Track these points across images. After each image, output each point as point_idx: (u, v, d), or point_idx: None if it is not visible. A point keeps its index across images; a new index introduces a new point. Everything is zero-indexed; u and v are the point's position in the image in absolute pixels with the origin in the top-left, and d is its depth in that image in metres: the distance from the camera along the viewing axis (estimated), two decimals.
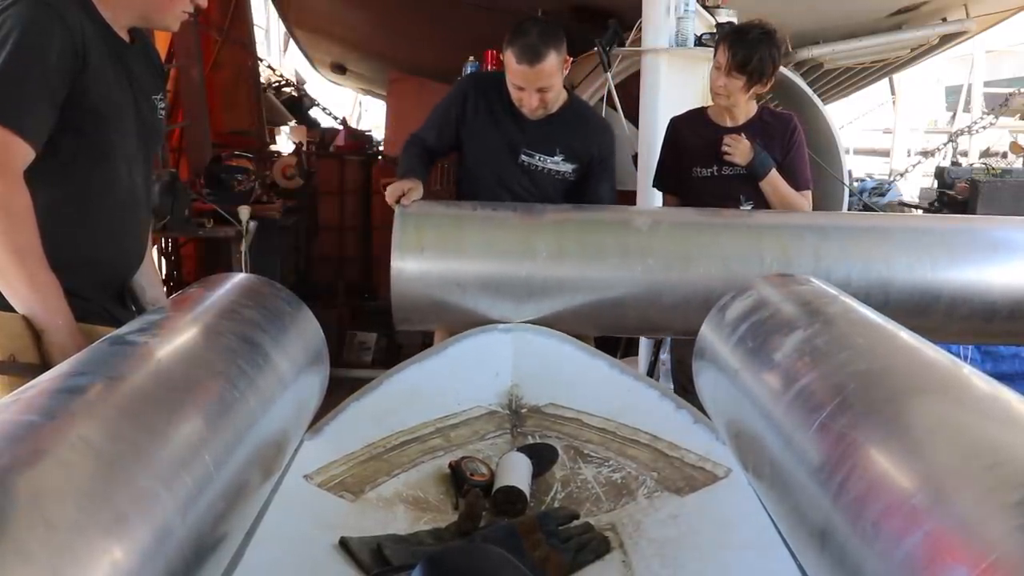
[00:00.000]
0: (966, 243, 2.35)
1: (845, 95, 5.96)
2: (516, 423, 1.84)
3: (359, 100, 11.34)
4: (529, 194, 2.48)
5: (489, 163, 2.50)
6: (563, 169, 2.46)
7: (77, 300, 1.50)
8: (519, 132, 2.44)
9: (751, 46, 2.41)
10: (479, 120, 2.49)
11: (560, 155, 2.45)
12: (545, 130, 2.43)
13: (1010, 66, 13.56)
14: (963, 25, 4.73)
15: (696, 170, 2.58)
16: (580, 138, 2.45)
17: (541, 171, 2.46)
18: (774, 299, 1.58)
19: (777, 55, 2.47)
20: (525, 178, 2.47)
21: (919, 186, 6.53)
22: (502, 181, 2.48)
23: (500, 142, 2.46)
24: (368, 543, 1.31)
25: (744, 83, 2.45)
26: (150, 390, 1.03)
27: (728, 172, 2.56)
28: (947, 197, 4.69)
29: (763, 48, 2.42)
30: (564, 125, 2.44)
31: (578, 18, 4.20)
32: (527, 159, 2.45)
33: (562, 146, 2.44)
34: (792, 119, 2.66)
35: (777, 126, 2.60)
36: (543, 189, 2.47)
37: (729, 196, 2.54)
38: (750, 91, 2.48)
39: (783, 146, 2.57)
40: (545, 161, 2.45)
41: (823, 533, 0.98)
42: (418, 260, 2.21)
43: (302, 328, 1.56)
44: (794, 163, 2.58)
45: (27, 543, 0.69)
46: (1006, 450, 0.85)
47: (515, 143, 2.45)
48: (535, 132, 2.43)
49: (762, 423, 1.26)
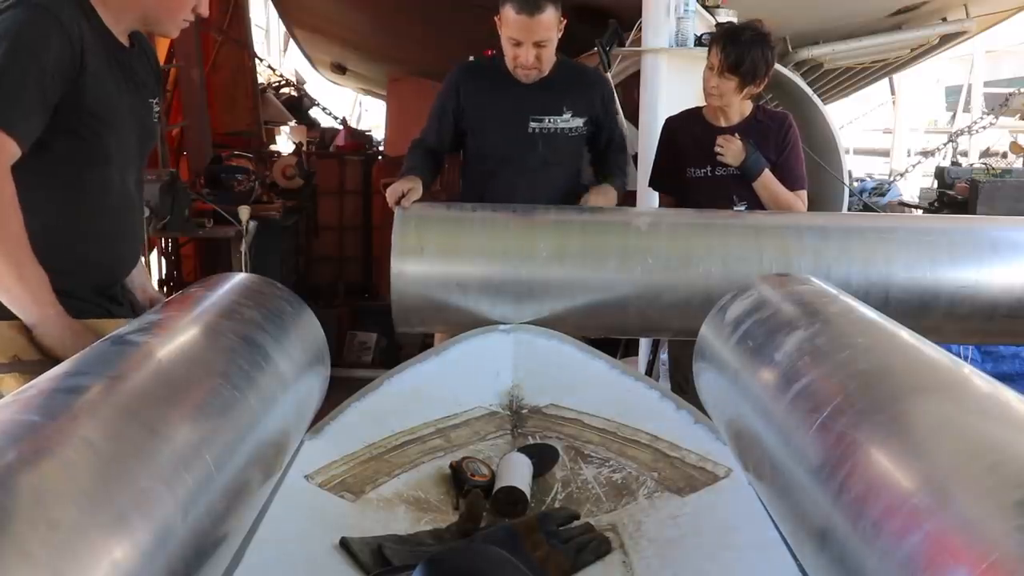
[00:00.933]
0: (966, 243, 2.35)
1: (845, 95, 5.97)
2: (517, 424, 1.84)
3: (359, 100, 11.35)
4: (545, 163, 2.45)
5: (499, 143, 2.47)
6: (574, 125, 2.46)
7: (73, 301, 1.50)
8: (522, 101, 2.42)
9: (744, 47, 2.40)
10: (479, 102, 2.48)
11: (568, 111, 2.44)
12: (547, 93, 2.42)
13: (1010, 66, 13.57)
14: (963, 25, 4.74)
15: (690, 170, 2.58)
16: (581, 90, 2.46)
17: (554, 133, 2.44)
18: (774, 299, 1.58)
19: (771, 56, 2.46)
20: (540, 145, 2.44)
21: (919, 186, 6.52)
22: (515, 157, 2.46)
23: (507, 115, 2.44)
24: (369, 543, 1.31)
25: (737, 84, 2.45)
26: (151, 390, 1.03)
27: (722, 172, 2.55)
28: (947, 197, 4.69)
29: (756, 49, 2.41)
30: (563, 83, 2.44)
31: (578, 18, 4.19)
32: (537, 124, 2.43)
33: (568, 103, 2.44)
34: (787, 118, 2.65)
35: (771, 125, 2.59)
36: (560, 153, 2.47)
37: (723, 196, 2.53)
38: (743, 92, 2.48)
39: (777, 145, 2.56)
40: (556, 122, 2.43)
41: (823, 533, 0.98)
42: (418, 262, 2.21)
43: (303, 328, 1.56)
44: (788, 162, 2.57)
45: (28, 543, 0.69)
46: (1007, 450, 0.85)
47: (522, 112, 2.43)
48: (538, 97, 2.42)
49: (762, 423, 1.26)
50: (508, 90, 2.43)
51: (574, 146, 2.49)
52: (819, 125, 3.92)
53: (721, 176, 2.56)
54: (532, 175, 2.46)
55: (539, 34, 2.28)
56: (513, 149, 2.46)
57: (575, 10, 4.37)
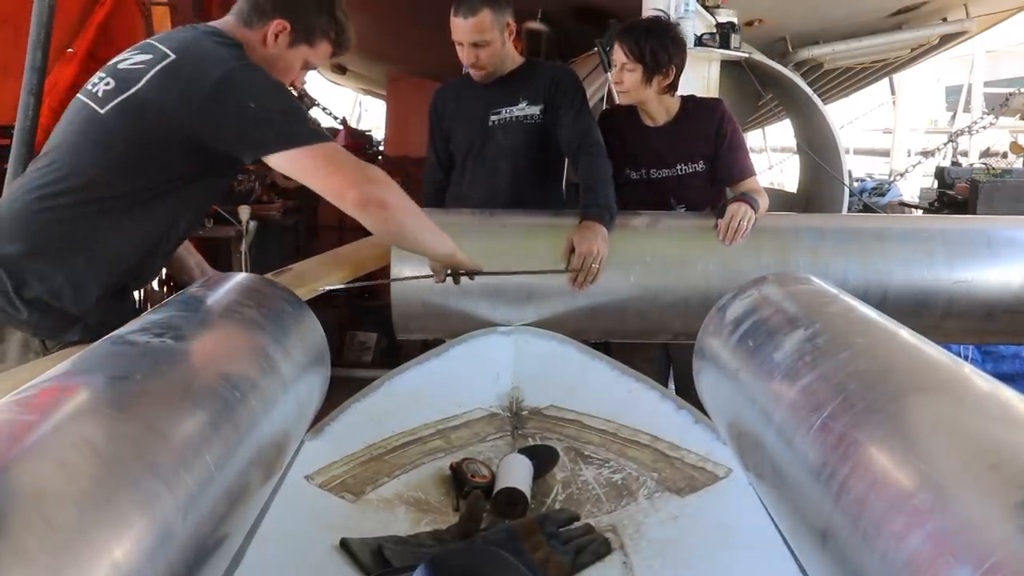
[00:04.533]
0: (963, 243, 2.36)
1: (845, 95, 5.97)
2: (517, 425, 1.84)
3: (359, 100, 11.35)
4: (505, 153, 2.51)
5: (463, 139, 2.57)
6: (530, 112, 2.49)
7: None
8: (483, 99, 2.51)
9: (638, 36, 2.37)
10: (452, 112, 2.59)
11: (524, 101, 2.50)
12: (506, 88, 2.50)
13: (1010, 66, 13.58)
14: (963, 25, 4.74)
15: (627, 172, 2.52)
16: (537, 79, 2.51)
17: (511, 121, 2.50)
18: (774, 298, 1.58)
19: (670, 44, 2.38)
20: (499, 135, 2.51)
21: (919, 186, 6.53)
22: (476, 149, 2.54)
23: (470, 113, 2.54)
24: (369, 544, 1.31)
25: (641, 75, 2.38)
26: (151, 390, 1.03)
27: (656, 175, 2.51)
28: (947, 197, 4.69)
29: (652, 38, 2.36)
30: (522, 77, 2.52)
31: (578, 18, 4.20)
32: (496, 117, 2.51)
33: (523, 93, 2.50)
34: (718, 105, 2.56)
35: (702, 115, 2.50)
36: (518, 141, 2.50)
37: (660, 199, 2.50)
38: (651, 83, 2.39)
39: (709, 136, 2.47)
40: (512, 111, 2.50)
41: (824, 533, 0.98)
42: (419, 266, 2.21)
43: (303, 328, 1.56)
44: (731, 156, 2.48)
45: (27, 543, 0.69)
46: (1008, 450, 0.84)
47: (483, 108, 2.52)
48: (497, 93, 2.51)
49: (763, 423, 1.26)
50: (473, 92, 2.54)
51: (533, 135, 2.50)
52: (819, 125, 3.91)
53: (657, 179, 2.52)
54: (493, 164, 2.52)
55: (475, 35, 2.37)
56: (474, 142, 2.54)
57: (575, 10, 4.39)
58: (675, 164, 2.50)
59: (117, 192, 1.61)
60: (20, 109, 2.24)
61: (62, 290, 1.61)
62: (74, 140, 1.63)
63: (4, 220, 1.64)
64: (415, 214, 1.76)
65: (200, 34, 1.69)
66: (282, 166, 1.65)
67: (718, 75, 3.24)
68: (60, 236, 1.61)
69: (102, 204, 1.61)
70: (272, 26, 1.72)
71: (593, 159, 2.39)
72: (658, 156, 2.51)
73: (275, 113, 1.60)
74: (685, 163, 2.50)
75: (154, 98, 1.57)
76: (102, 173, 1.61)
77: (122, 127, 1.59)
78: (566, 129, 2.45)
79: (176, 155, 1.61)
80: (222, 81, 1.56)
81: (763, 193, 2.46)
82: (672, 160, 2.50)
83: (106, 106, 1.60)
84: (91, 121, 1.62)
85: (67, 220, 1.61)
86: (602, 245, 2.22)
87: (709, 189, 2.54)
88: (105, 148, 1.61)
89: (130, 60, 1.64)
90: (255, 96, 1.58)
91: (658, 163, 2.50)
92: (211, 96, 1.55)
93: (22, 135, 2.22)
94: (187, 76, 1.58)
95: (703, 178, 2.52)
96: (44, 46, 2.26)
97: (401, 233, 1.78)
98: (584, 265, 2.20)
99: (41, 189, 1.61)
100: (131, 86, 1.59)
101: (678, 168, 2.51)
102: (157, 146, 1.60)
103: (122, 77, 1.62)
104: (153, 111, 1.58)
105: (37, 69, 2.25)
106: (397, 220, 1.71)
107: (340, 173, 1.65)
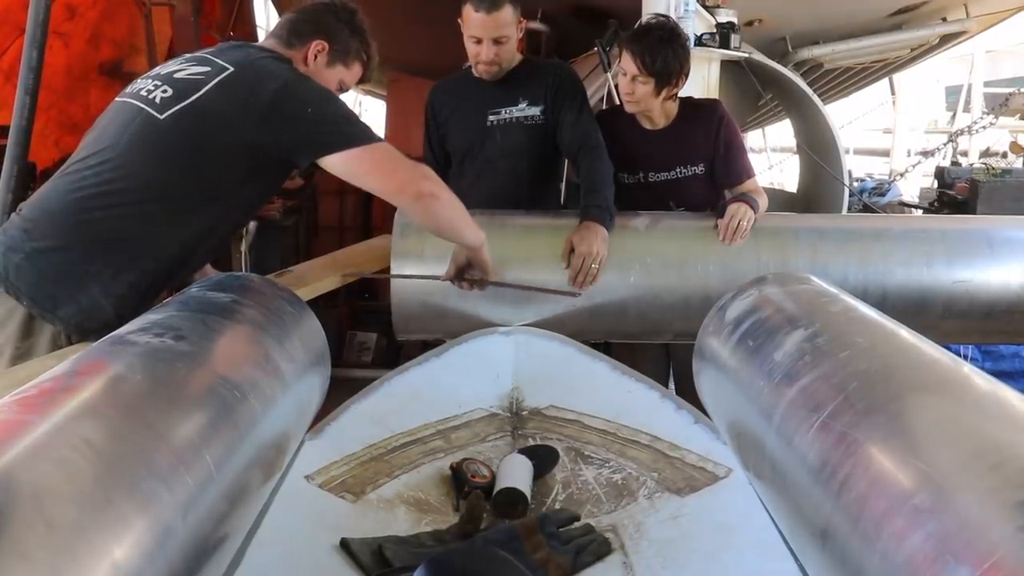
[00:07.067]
0: (963, 243, 2.35)
1: (845, 95, 5.96)
2: (517, 425, 1.84)
3: (359, 100, 11.34)
4: (504, 154, 2.49)
5: (461, 139, 2.54)
6: (530, 113, 2.48)
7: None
8: (482, 98, 2.49)
9: (654, 48, 2.30)
10: (448, 110, 2.56)
11: (524, 101, 2.48)
12: (505, 88, 2.48)
13: (1010, 66, 13.57)
14: (963, 25, 4.74)
15: (622, 176, 2.48)
16: (537, 79, 2.49)
17: (511, 122, 2.48)
18: (774, 298, 1.58)
19: (683, 53, 2.35)
20: (498, 135, 2.49)
21: (919, 186, 6.53)
22: (475, 150, 2.51)
23: (468, 113, 2.52)
24: (369, 544, 1.30)
25: (653, 86, 2.34)
26: (151, 390, 1.03)
27: (655, 179, 2.50)
28: (947, 197, 4.69)
29: (667, 49, 2.31)
30: (522, 76, 2.49)
31: (578, 18, 4.20)
32: (495, 117, 2.49)
33: (523, 93, 2.48)
34: (716, 106, 2.54)
35: (700, 118, 2.47)
36: (518, 143, 2.48)
37: (658, 203, 2.47)
38: (660, 94, 2.37)
39: (708, 137, 2.45)
40: (512, 112, 2.48)
41: (824, 533, 0.98)
42: (418, 267, 2.21)
43: (304, 329, 1.56)
44: (730, 158, 2.46)
45: (27, 543, 0.69)
46: (1008, 450, 0.84)
47: (482, 107, 2.49)
48: (496, 92, 2.48)
49: (763, 423, 1.26)
50: (471, 91, 2.52)
51: (534, 136, 2.48)
52: (819, 125, 3.91)
53: (654, 182, 2.50)
54: (492, 166, 2.50)
55: (497, 31, 2.34)
56: (473, 142, 2.52)
57: (575, 10, 4.38)
58: (674, 167, 2.49)
59: (172, 194, 1.70)
60: (16, 108, 2.24)
61: (105, 287, 1.65)
62: (131, 142, 1.70)
63: (49, 217, 1.68)
64: (459, 207, 1.91)
65: (253, 50, 1.84)
66: (336, 166, 1.76)
67: (718, 75, 3.24)
68: (109, 234, 1.67)
69: (162, 204, 1.70)
70: (312, 46, 1.87)
71: (595, 160, 2.38)
72: (656, 160, 2.49)
73: (332, 117, 1.75)
74: (684, 166, 2.49)
75: (216, 107, 1.68)
76: (159, 175, 1.69)
77: (181, 133, 1.69)
78: (568, 130, 2.44)
79: (235, 160, 1.72)
80: (281, 91, 1.69)
81: (763, 193, 2.46)
82: (671, 163, 2.49)
83: (165, 112, 1.69)
84: (149, 125, 1.69)
85: (116, 218, 1.67)
86: (602, 246, 2.22)
87: (708, 191, 2.53)
88: (164, 152, 1.69)
89: (187, 71, 1.75)
90: (312, 102, 1.72)
91: (656, 166, 2.49)
92: (271, 104, 1.67)
93: (18, 135, 2.23)
94: (247, 87, 1.70)
95: (702, 180, 2.51)
96: (40, 45, 2.26)
97: (449, 223, 1.92)
98: (584, 266, 2.20)
99: (96, 187, 1.67)
100: (190, 95, 1.69)
101: (677, 171, 2.50)
102: (217, 151, 1.70)
103: (180, 86, 1.71)
104: (215, 119, 1.68)
105: (33, 68, 2.25)
106: (446, 212, 1.87)
107: (399, 171, 1.81)
